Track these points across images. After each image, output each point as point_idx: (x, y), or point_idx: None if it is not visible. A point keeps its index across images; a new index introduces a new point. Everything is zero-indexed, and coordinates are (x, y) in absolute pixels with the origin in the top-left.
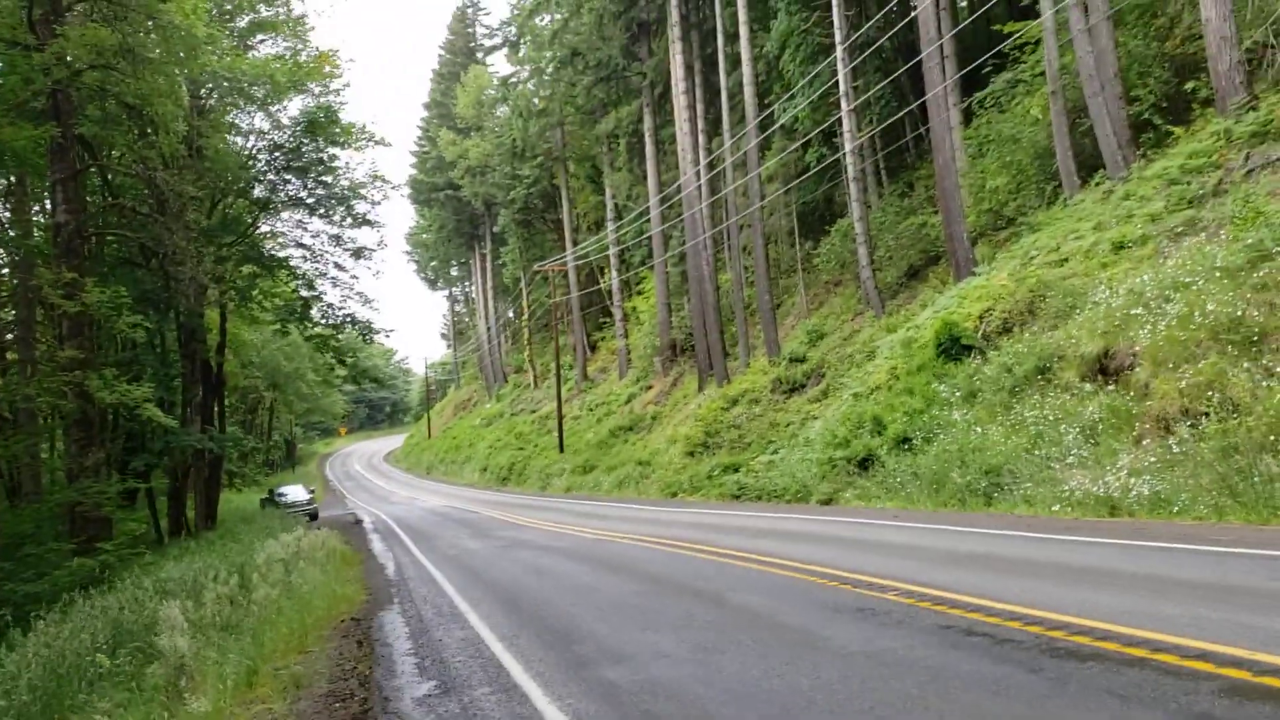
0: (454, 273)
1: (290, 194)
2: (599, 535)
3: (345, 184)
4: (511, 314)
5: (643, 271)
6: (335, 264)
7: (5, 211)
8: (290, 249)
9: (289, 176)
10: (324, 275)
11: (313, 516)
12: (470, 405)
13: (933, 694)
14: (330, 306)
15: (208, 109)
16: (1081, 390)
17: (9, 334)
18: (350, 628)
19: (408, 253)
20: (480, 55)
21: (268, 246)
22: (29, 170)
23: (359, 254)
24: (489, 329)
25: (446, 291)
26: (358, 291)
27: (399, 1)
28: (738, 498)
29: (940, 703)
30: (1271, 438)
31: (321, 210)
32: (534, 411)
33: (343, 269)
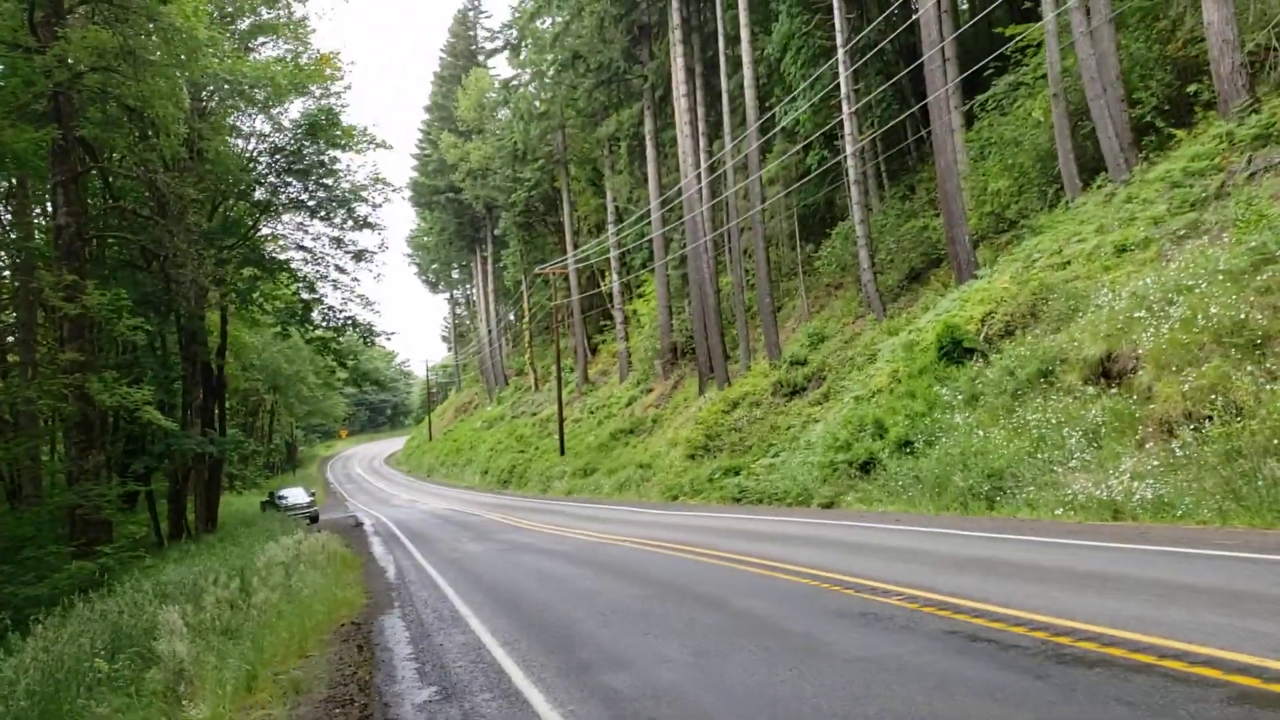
0: (455, 275)
1: (291, 196)
2: (600, 538)
3: (346, 186)
4: (512, 317)
5: (643, 274)
6: (336, 266)
7: (6, 214)
8: (291, 251)
9: (290, 179)
10: (325, 278)
11: (313, 519)
12: (471, 408)
13: (938, 701)
14: (331, 309)
15: (209, 111)
16: (1084, 393)
17: (10, 336)
18: (350, 632)
19: (409, 255)
20: (481, 58)
21: (268, 249)
22: (30, 173)
23: (360, 256)
24: (490, 332)
25: (447, 294)
26: (359, 294)
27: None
28: (738, 501)
29: (946, 709)
30: (1276, 441)
31: (322, 213)
32: (535, 414)
33: (344, 271)
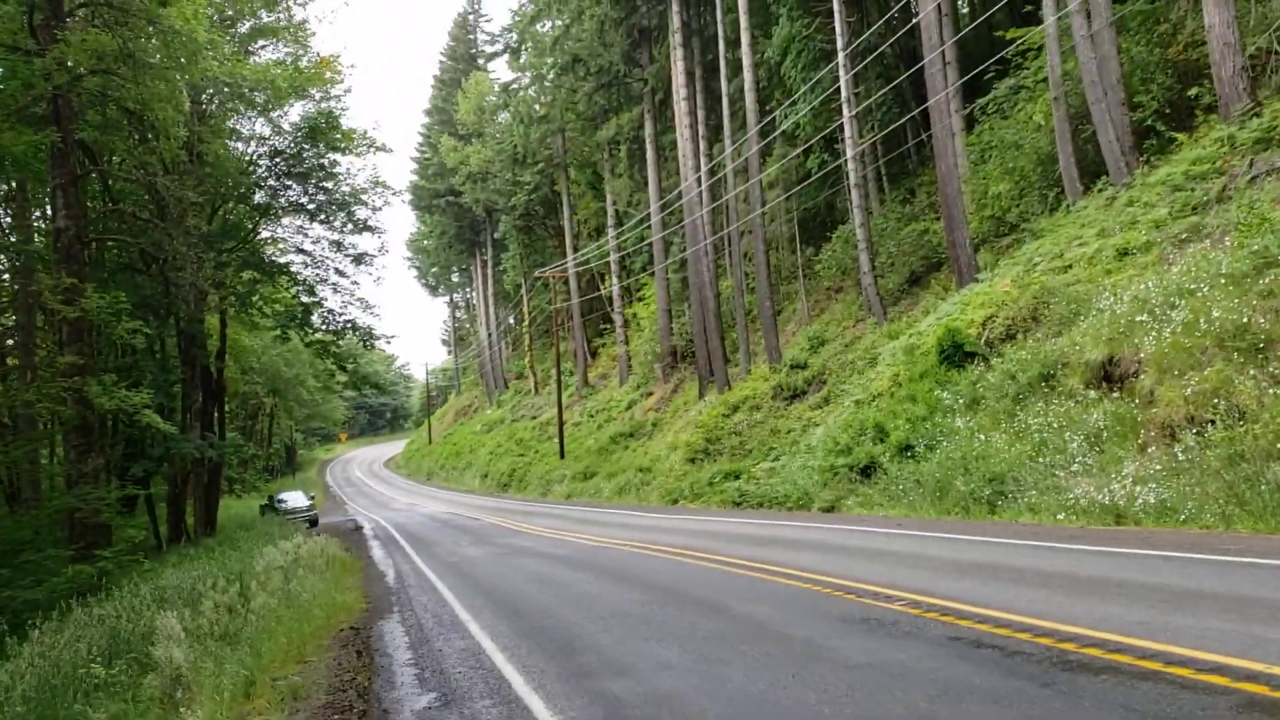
0: (455, 279)
1: (291, 200)
2: (600, 542)
3: (346, 190)
4: (512, 320)
5: (643, 278)
6: (336, 270)
7: (6, 217)
8: (291, 255)
9: (290, 182)
10: (325, 281)
11: (312, 523)
12: (471, 411)
13: (943, 708)
14: (331, 312)
15: (208, 114)
16: (1086, 397)
17: (9, 339)
18: (350, 637)
19: (409, 259)
20: (481, 61)
21: (268, 252)
22: (30, 175)
23: (360, 260)
24: (490, 335)
25: (447, 298)
26: (358, 297)
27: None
28: (739, 505)
29: (952, 717)
30: (1279, 445)
31: (322, 216)
32: (534, 418)
33: (343, 275)
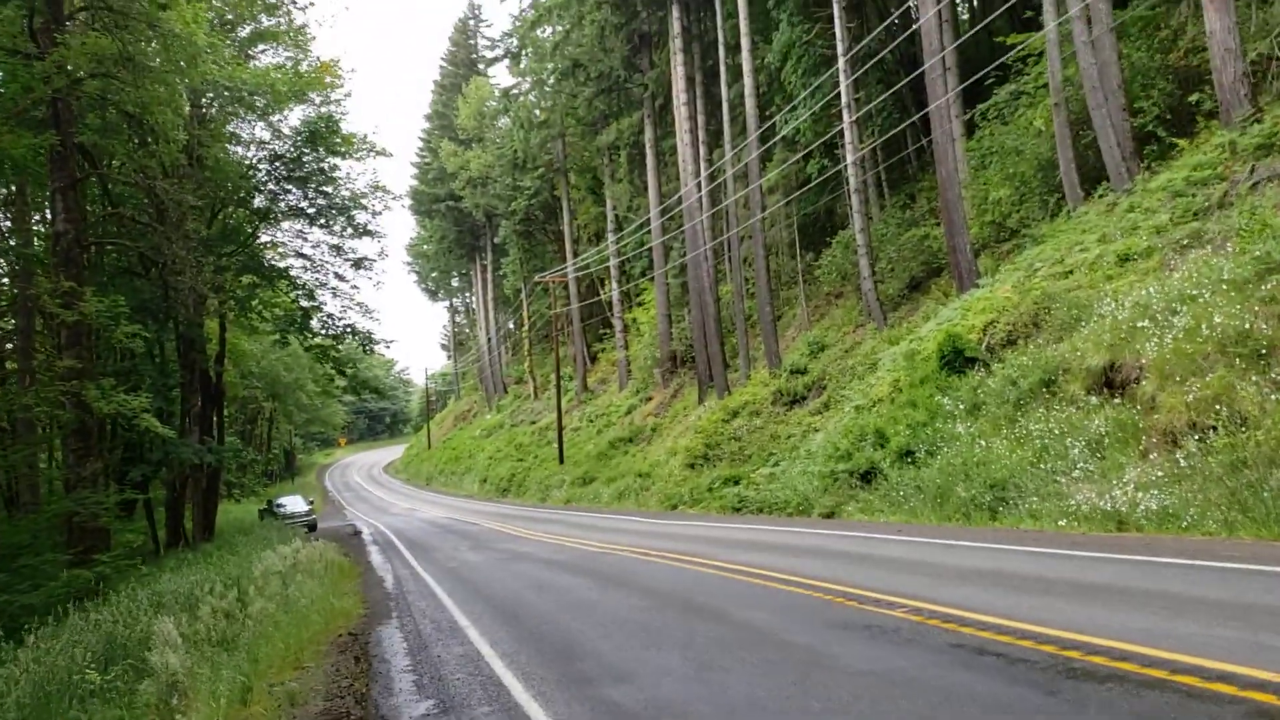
0: (454, 284)
1: (290, 204)
2: (599, 548)
3: (346, 194)
4: (512, 325)
5: (643, 283)
6: (335, 274)
7: (5, 220)
8: (290, 259)
9: (289, 186)
10: (324, 285)
11: (311, 528)
12: (470, 416)
13: (946, 716)
14: (330, 317)
15: (208, 118)
16: (1087, 403)
17: (8, 343)
18: (348, 643)
19: (408, 264)
20: (482, 67)
21: (268, 256)
22: (29, 179)
23: (359, 264)
24: (489, 340)
25: (447, 302)
26: (358, 302)
27: (399, 6)
28: (738, 510)
29: None
30: None
31: (322, 220)
32: (534, 423)
33: (343, 279)
